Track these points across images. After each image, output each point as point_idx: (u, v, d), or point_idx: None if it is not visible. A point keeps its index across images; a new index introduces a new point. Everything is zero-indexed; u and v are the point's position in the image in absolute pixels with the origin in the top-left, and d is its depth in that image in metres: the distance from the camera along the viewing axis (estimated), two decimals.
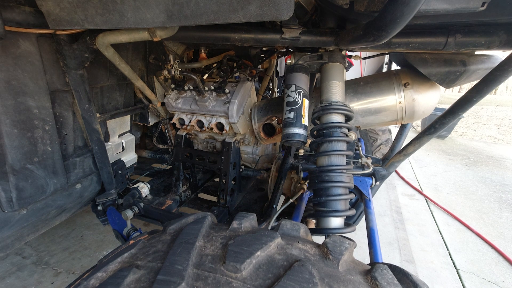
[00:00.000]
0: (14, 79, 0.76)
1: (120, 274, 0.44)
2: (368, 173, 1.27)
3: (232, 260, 0.45)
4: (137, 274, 0.45)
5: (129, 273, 0.44)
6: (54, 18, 0.62)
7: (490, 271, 2.05)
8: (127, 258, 0.51)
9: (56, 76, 0.88)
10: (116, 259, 0.49)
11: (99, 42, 0.78)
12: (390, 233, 2.43)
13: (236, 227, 0.58)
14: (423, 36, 0.78)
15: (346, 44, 0.72)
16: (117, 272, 0.45)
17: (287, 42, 0.84)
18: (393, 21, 0.43)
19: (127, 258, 0.51)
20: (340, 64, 0.96)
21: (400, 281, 0.48)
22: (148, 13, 0.57)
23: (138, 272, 0.45)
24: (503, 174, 3.87)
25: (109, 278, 0.44)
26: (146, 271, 0.45)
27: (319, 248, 0.54)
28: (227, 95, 1.34)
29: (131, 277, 0.44)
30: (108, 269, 0.48)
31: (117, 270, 0.47)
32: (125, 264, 0.49)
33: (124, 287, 0.42)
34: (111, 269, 0.48)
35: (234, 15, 0.54)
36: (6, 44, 0.71)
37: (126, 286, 0.42)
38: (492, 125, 7.60)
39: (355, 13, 0.63)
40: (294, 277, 0.43)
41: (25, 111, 0.81)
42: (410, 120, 1.12)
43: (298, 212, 1.20)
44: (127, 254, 0.51)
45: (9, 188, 0.82)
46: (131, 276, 0.44)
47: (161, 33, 0.74)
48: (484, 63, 0.90)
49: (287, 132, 0.94)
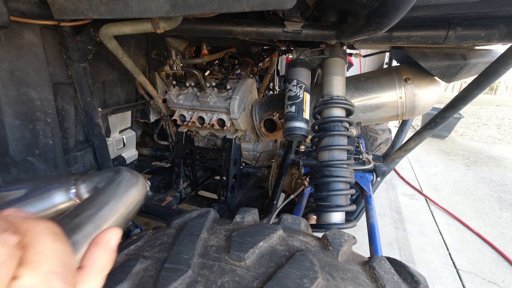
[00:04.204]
0: (17, 69, 0.76)
1: (128, 264, 0.45)
2: (369, 169, 1.27)
3: (236, 250, 0.46)
4: (145, 264, 0.46)
5: (137, 262, 0.45)
6: (58, 7, 0.63)
7: (490, 271, 2.05)
8: (134, 250, 0.52)
9: (59, 68, 0.89)
10: (122, 252, 0.51)
11: (102, 33, 0.79)
12: (390, 233, 2.43)
13: (239, 221, 0.59)
14: (424, 30, 0.78)
15: (348, 36, 0.72)
16: (124, 262, 0.46)
17: (289, 36, 0.84)
18: (395, 7, 0.44)
19: (133, 250, 0.52)
20: (341, 59, 0.97)
21: (398, 272, 0.49)
22: (152, 2, 0.58)
23: (145, 262, 0.46)
24: (503, 174, 3.87)
25: (117, 268, 0.45)
26: (153, 261, 0.46)
27: (319, 240, 0.55)
28: (229, 91, 1.35)
29: (138, 266, 0.45)
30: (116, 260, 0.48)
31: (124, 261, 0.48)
32: (132, 255, 0.50)
33: (132, 275, 0.43)
34: (118, 260, 0.49)
35: (238, 4, 0.54)
36: (10, 34, 0.72)
37: (134, 274, 0.43)
38: (492, 125, 7.62)
39: (357, 5, 0.64)
40: (296, 265, 0.44)
41: (27, 102, 0.81)
42: (410, 116, 1.13)
43: (299, 208, 1.20)
44: (133, 247, 0.53)
45: (10, 179, 0.82)
46: (139, 265, 0.45)
47: (164, 24, 0.74)
48: (484, 57, 0.90)
49: (289, 126, 0.94)
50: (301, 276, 0.40)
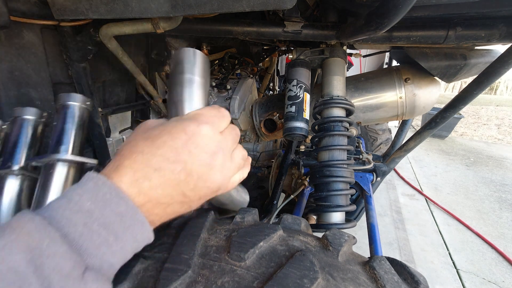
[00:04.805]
0: (17, 69, 0.76)
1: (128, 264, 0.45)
2: (369, 168, 1.27)
3: (236, 250, 0.46)
4: (145, 264, 0.46)
5: (137, 263, 0.45)
6: (58, 7, 0.62)
7: (490, 271, 2.05)
8: None
9: (59, 68, 0.89)
10: None
11: (102, 33, 0.78)
12: (390, 233, 2.43)
13: (239, 221, 0.59)
14: (424, 30, 0.78)
15: (348, 36, 0.72)
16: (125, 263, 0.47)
17: (289, 36, 0.84)
18: (395, 7, 0.44)
19: None
20: (341, 59, 0.97)
21: (398, 272, 0.49)
22: (152, 2, 0.58)
23: (146, 262, 0.46)
24: (503, 174, 3.88)
25: None
26: (153, 261, 0.46)
27: (319, 240, 0.55)
28: (229, 91, 1.35)
29: (138, 266, 0.45)
30: None
31: None
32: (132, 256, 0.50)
33: (132, 275, 0.43)
34: None
35: (238, 4, 0.54)
36: (10, 34, 0.72)
37: (135, 274, 0.43)
38: (492, 125, 7.62)
39: (357, 5, 0.64)
40: (296, 265, 0.44)
41: (27, 102, 0.81)
42: (410, 116, 1.13)
43: (299, 208, 1.20)
44: None
45: None
46: (139, 265, 0.45)
47: (165, 24, 0.74)
48: (484, 57, 0.90)
49: (289, 125, 0.94)
50: (301, 276, 0.40)
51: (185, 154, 0.31)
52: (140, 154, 0.30)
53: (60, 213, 0.25)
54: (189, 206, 0.35)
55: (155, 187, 0.29)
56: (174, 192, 0.31)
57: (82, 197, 0.26)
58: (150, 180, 0.29)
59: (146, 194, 0.29)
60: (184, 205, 0.34)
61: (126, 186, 0.28)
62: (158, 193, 0.30)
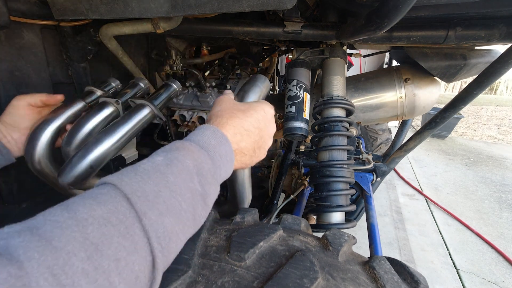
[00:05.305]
0: (17, 70, 0.76)
1: None
2: (369, 169, 1.27)
3: (236, 250, 0.46)
4: None
5: None
6: (58, 7, 0.63)
7: (490, 271, 2.05)
8: None
9: (59, 68, 0.89)
10: None
11: (102, 33, 0.79)
12: (390, 233, 2.43)
13: (239, 221, 0.59)
14: (424, 30, 0.78)
15: (348, 36, 0.72)
16: None
17: (289, 36, 0.84)
18: (395, 7, 0.44)
19: None
20: (341, 59, 0.97)
21: (398, 272, 0.49)
22: (152, 2, 0.58)
23: None
24: (503, 174, 3.88)
25: None
26: None
27: (319, 240, 0.55)
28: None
29: None
30: None
31: None
32: None
33: None
34: None
35: (238, 4, 0.54)
36: (10, 34, 0.72)
37: None
38: (492, 125, 7.63)
39: (357, 5, 0.64)
40: (296, 265, 0.44)
41: None
42: (410, 116, 1.13)
43: (299, 208, 1.20)
44: None
45: (11, 182, 0.82)
46: None
47: (165, 25, 0.74)
48: (484, 57, 0.90)
49: (288, 126, 0.94)
50: (301, 276, 0.40)
51: (262, 124, 0.49)
52: (237, 119, 0.46)
53: (202, 142, 0.40)
54: (251, 162, 0.50)
55: (243, 140, 0.46)
56: (250, 147, 0.47)
57: (209, 136, 0.41)
58: (242, 135, 0.46)
59: (238, 144, 0.45)
60: (251, 158, 0.49)
61: (230, 136, 0.44)
62: (243, 146, 0.46)
